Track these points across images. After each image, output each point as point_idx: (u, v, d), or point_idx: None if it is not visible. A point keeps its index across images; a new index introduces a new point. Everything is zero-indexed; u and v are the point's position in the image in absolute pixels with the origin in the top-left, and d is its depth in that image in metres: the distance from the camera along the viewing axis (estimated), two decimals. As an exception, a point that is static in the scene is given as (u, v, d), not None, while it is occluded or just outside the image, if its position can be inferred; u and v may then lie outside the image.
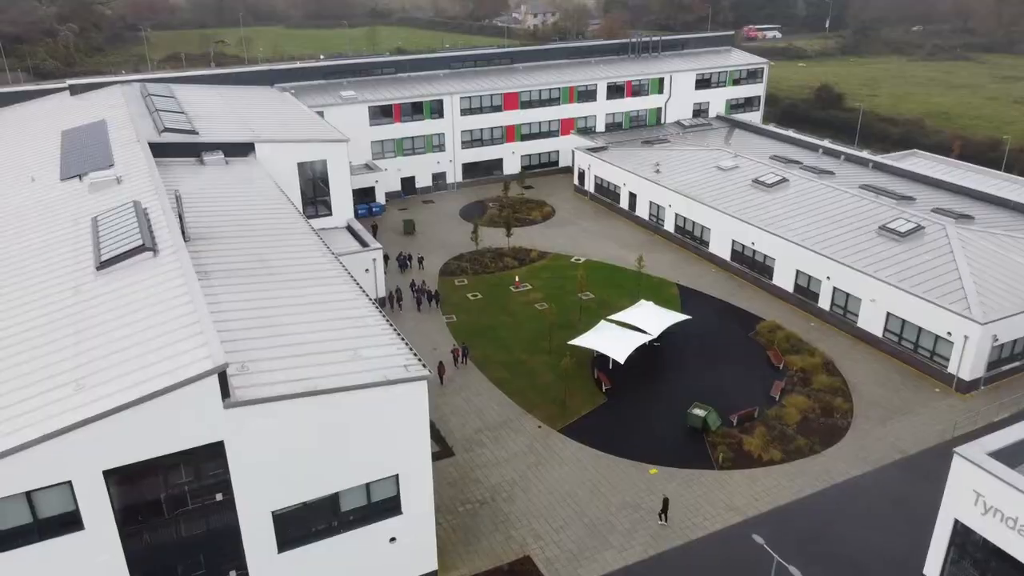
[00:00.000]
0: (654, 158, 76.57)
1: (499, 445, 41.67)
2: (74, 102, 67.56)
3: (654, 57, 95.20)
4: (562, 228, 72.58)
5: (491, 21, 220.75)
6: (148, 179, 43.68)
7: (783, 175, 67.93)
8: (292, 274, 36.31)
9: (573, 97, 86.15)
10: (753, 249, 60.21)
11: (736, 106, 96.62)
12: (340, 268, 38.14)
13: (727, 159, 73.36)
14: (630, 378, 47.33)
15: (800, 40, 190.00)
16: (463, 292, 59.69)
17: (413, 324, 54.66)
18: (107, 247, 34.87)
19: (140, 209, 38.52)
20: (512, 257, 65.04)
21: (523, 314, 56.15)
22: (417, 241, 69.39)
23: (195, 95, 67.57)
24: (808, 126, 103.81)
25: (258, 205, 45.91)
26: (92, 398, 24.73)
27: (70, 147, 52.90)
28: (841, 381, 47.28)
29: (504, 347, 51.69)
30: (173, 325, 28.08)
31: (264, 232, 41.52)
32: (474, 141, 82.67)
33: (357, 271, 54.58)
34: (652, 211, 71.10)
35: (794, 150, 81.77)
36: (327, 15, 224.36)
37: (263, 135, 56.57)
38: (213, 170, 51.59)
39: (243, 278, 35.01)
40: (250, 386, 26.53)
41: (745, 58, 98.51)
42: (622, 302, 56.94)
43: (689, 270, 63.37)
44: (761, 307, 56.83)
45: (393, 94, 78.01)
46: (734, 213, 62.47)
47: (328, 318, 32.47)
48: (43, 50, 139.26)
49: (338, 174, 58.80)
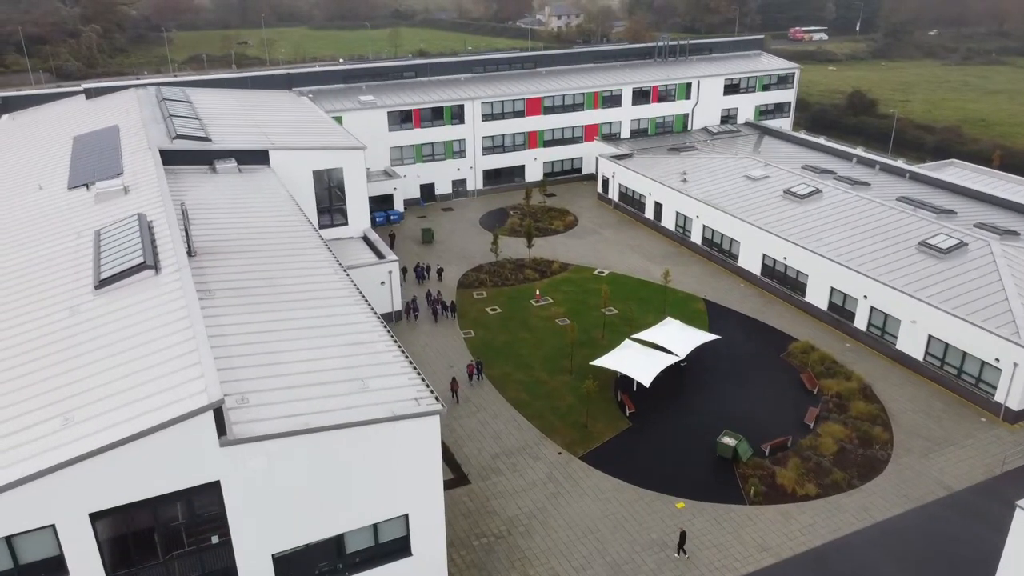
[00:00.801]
0: (681, 166, 74.14)
1: (517, 473, 39.58)
2: (89, 106, 66.40)
3: (681, 61, 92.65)
4: (585, 238, 70.36)
5: (514, 23, 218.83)
6: (156, 189, 42.08)
7: (816, 186, 65.25)
8: (300, 294, 34.45)
9: (598, 102, 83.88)
10: (785, 264, 57.63)
11: (765, 112, 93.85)
12: (351, 287, 36.24)
13: (757, 168, 70.78)
14: (655, 401, 45.07)
15: (830, 43, 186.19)
16: (481, 305, 57.67)
17: (428, 339, 52.75)
18: (108, 264, 33.21)
19: (144, 222, 36.88)
20: (533, 269, 62.94)
21: (544, 330, 54.03)
22: (435, 251, 67.49)
23: (211, 99, 66.15)
24: (839, 133, 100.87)
25: (269, 217, 44.16)
26: (78, 435, 22.95)
27: (80, 153, 51.54)
28: (879, 408, 44.67)
29: (523, 365, 49.60)
30: (169, 353, 26.28)
31: (273, 246, 39.75)
32: (495, 147, 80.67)
33: (372, 284, 53.03)
34: (678, 222, 68.68)
35: (826, 159, 79.00)
36: (350, 16, 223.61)
37: (278, 142, 54.91)
38: (225, 179, 49.96)
39: (248, 298, 33.20)
40: (248, 421, 24.66)
41: (775, 63, 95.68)
42: (647, 318, 54.75)
43: (717, 284, 60.90)
44: (793, 326, 54.27)
45: (413, 99, 76.20)
46: (764, 226, 59.92)
47: (336, 343, 30.55)
48: (66, 51, 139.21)
49: (354, 182, 57.01)
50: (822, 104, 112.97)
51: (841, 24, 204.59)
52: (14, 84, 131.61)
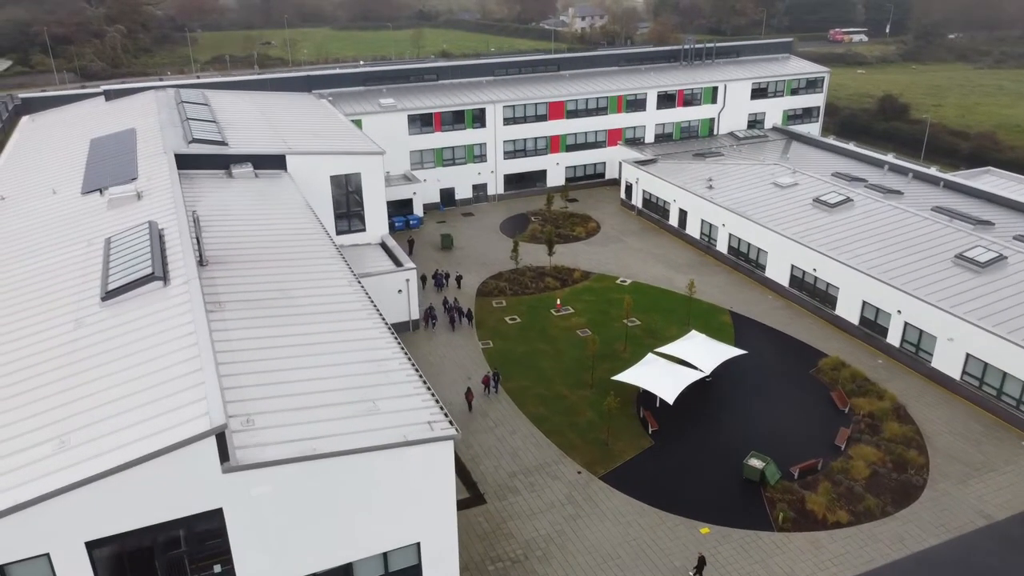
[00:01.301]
0: (706, 172, 72.36)
1: (535, 493, 38.20)
2: (108, 108, 65.96)
3: (707, 64, 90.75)
4: (607, 246, 68.82)
5: (538, 24, 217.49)
6: (169, 195, 41.20)
7: (847, 194, 63.24)
8: (312, 306, 33.32)
9: (622, 106, 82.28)
10: (814, 276, 55.75)
11: (793, 117, 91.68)
12: (365, 299, 35.05)
13: (785, 175, 68.86)
14: (678, 418, 43.49)
15: (859, 46, 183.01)
16: (500, 315, 56.36)
17: (446, 350, 51.51)
18: (116, 274, 32.28)
19: (155, 231, 35.95)
20: (554, 277, 61.51)
21: (564, 341, 52.61)
22: (455, 257, 66.27)
23: (230, 102, 65.42)
24: (869, 139, 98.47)
25: (283, 224, 43.12)
26: (75, 459, 21.92)
27: (95, 157, 50.89)
28: (914, 430, 42.77)
29: (543, 379, 48.20)
30: (173, 372, 25.21)
31: (287, 255, 38.67)
32: (517, 152, 79.34)
33: (390, 292, 51.95)
34: (704, 230, 66.93)
35: (857, 166, 76.88)
36: (373, 17, 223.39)
37: (295, 146, 53.95)
38: (241, 184, 49.04)
39: (259, 310, 32.11)
40: (253, 446, 23.51)
41: (804, 66, 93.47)
42: (670, 330, 53.18)
43: (743, 295, 59.12)
44: (822, 340, 52.41)
45: (434, 102, 75.07)
46: (793, 235, 58.07)
47: (348, 360, 29.37)
48: (90, 51, 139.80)
49: (373, 188, 55.91)
50: (851, 108, 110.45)
51: (870, 26, 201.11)
52: (39, 84, 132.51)
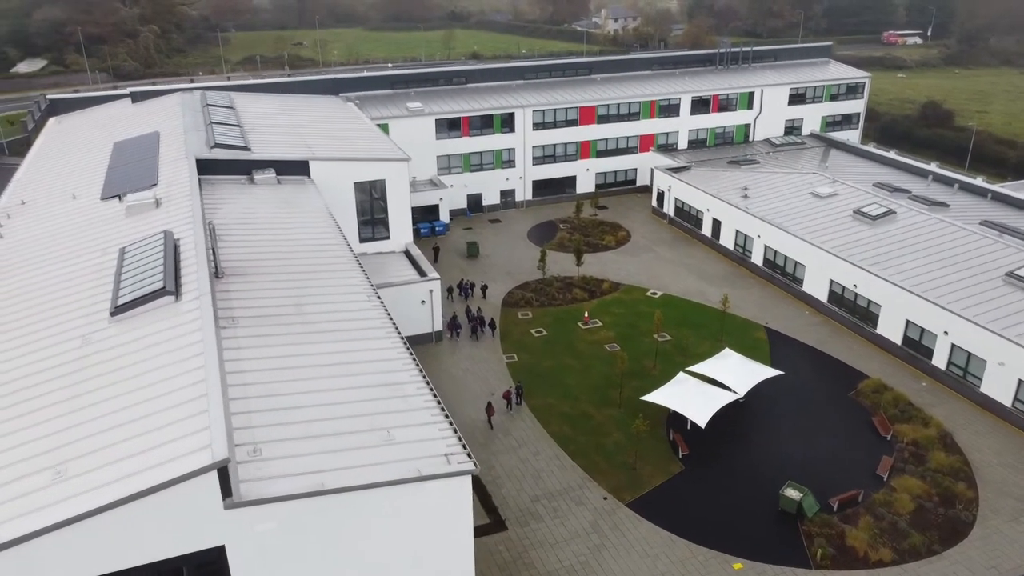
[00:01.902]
0: (741, 181, 70.10)
1: (558, 520, 36.51)
2: (134, 110, 65.46)
3: (743, 69, 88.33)
4: (637, 256, 66.85)
5: (570, 25, 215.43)
6: (187, 203, 40.13)
7: (889, 206, 60.67)
8: (329, 323, 31.96)
9: (654, 112, 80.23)
10: (855, 292, 53.35)
11: (832, 123, 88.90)
12: (384, 316, 33.59)
13: (824, 185, 66.37)
14: (710, 442, 41.51)
15: (899, 49, 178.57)
16: (526, 327, 54.72)
17: (469, 364, 49.99)
18: (127, 287, 31.19)
19: (170, 241, 34.86)
20: (582, 288, 59.72)
21: (591, 356, 50.83)
22: (480, 265, 64.77)
23: (255, 105, 64.57)
24: (911, 146, 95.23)
25: (304, 233, 41.90)
26: (69, 492, 20.69)
27: (117, 161, 50.17)
28: (962, 460, 40.36)
29: (569, 396, 46.48)
30: (178, 397, 23.94)
31: (306, 267, 37.41)
32: (546, 157, 77.65)
33: (413, 302, 50.60)
34: (738, 241, 64.69)
35: (899, 175, 74.18)
36: (405, 18, 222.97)
37: (319, 152, 52.79)
38: (262, 190, 47.97)
39: (273, 327, 30.83)
40: (258, 479, 22.13)
41: (844, 71, 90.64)
42: (702, 347, 51.18)
43: (779, 311, 56.87)
44: (863, 360, 50.05)
45: (462, 106, 73.65)
46: (833, 249, 55.70)
47: (363, 384, 27.94)
48: (124, 51, 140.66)
49: (397, 195, 54.63)
50: (892, 114, 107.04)
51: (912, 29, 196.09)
52: (73, 84, 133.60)
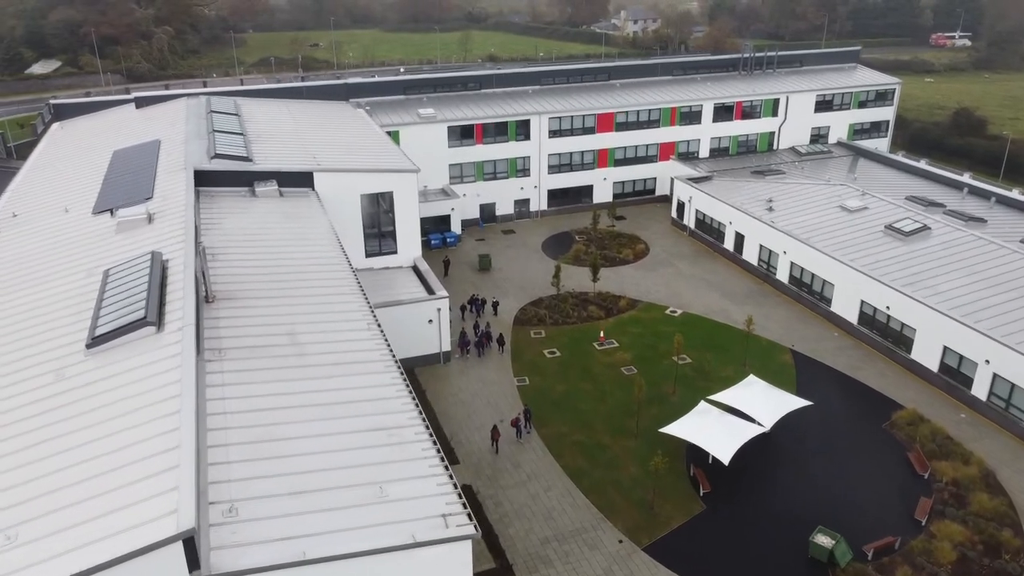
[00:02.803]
0: (766, 192, 67.18)
1: (570, 566, 33.95)
2: (137, 116, 63.54)
3: (768, 74, 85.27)
4: (656, 270, 64.11)
5: (588, 27, 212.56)
6: (181, 220, 37.95)
7: (923, 222, 57.60)
8: (324, 355, 29.62)
9: (675, 119, 77.40)
10: (887, 314, 50.38)
11: (860, 131, 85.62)
12: (384, 347, 31.21)
13: (854, 198, 63.33)
14: (734, 479, 38.80)
15: (926, 52, 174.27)
16: (539, 347, 52.19)
17: (478, 386, 47.52)
18: (107, 315, 29.01)
19: (158, 263, 32.64)
20: (598, 305, 57.08)
21: (607, 380, 48.22)
22: (492, 279, 62.29)
23: (261, 111, 62.46)
24: (942, 155, 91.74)
25: (304, 251, 39.62)
26: (20, 562, 18.44)
27: (114, 172, 48.15)
28: (1007, 503, 37.39)
29: (583, 424, 43.90)
30: (149, 448, 21.64)
31: (304, 290, 35.12)
32: (562, 166, 75.06)
33: (420, 321, 48.27)
34: (762, 256, 61.80)
35: (932, 187, 71.05)
36: (423, 19, 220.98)
37: (324, 163, 50.55)
38: (263, 204, 45.76)
39: (262, 360, 28.55)
40: (232, 546, 19.80)
41: (873, 77, 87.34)
42: (725, 371, 48.47)
43: (806, 332, 53.97)
44: (897, 388, 47.10)
45: (475, 112, 71.23)
46: (863, 268, 52.73)
47: (356, 427, 25.55)
48: (138, 52, 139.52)
49: (406, 208, 52.31)
50: (922, 121, 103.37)
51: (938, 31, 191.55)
52: (87, 85, 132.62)
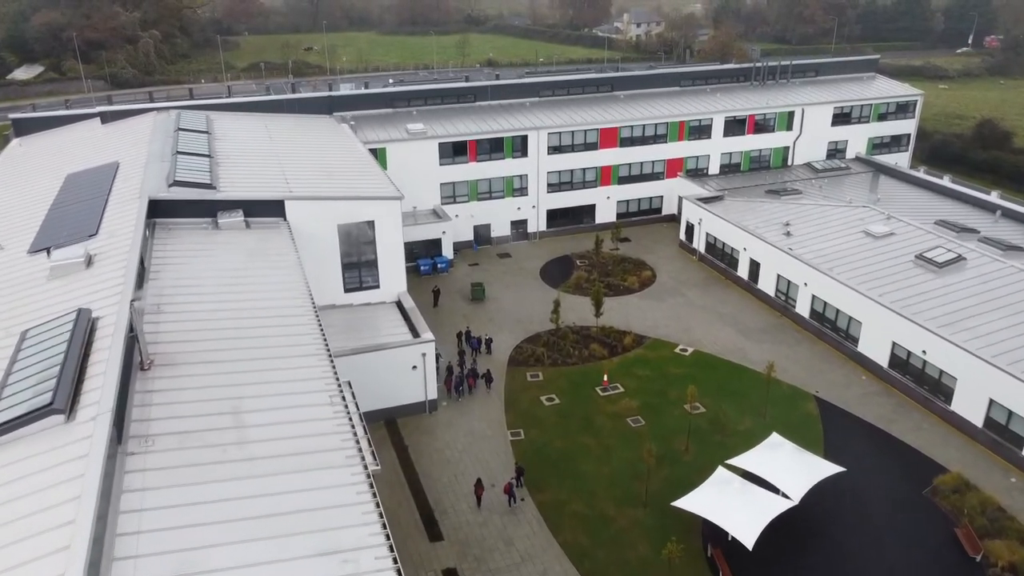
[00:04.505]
0: (782, 214, 62.12)
1: None
2: (101, 133, 58.62)
3: (782, 85, 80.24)
4: (664, 300, 59.04)
5: (591, 30, 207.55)
6: (122, 264, 32.93)
7: (957, 250, 52.58)
8: (271, 446, 24.52)
9: (683, 133, 72.39)
10: (923, 359, 45.31)
11: (879, 145, 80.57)
12: (348, 431, 26.09)
13: (878, 221, 58.30)
14: (758, 561, 33.70)
15: (938, 58, 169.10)
16: (536, 392, 47.17)
17: (467, 442, 42.48)
18: (8, 398, 23.99)
19: (83, 325, 27.61)
20: (600, 342, 52.05)
21: (612, 433, 43.19)
22: (486, 311, 57.25)
23: (235, 128, 57.47)
24: (965, 170, 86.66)
25: (265, 298, 34.58)
26: None
27: (63, 200, 43.18)
28: (1075, 595, 32.39)
29: (584, 489, 38.87)
30: None
31: (260, 351, 30.05)
32: (562, 184, 70.03)
33: (403, 368, 43.28)
34: (780, 287, 56.74)
35: (960, 208, 66.15)
36: (421, 21, 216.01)
37: (297, 189, 45.53)
38: (226, 238, 40.74)
39: (195, 451, 23.53)
40: None
41: (893, 88, 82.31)
42: (743, 422, 43.53)
43: (831, 375, 48.92)
44: (937, 446, 42.01)
45: (469, 128, 66.18)
46: (894, 304, 47.66)
47: (303, 551, 20.50)
48: (123, 57, 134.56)
49: (389, 238, 47.30)
50: (942, 133, 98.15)
51: (952, 36, 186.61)
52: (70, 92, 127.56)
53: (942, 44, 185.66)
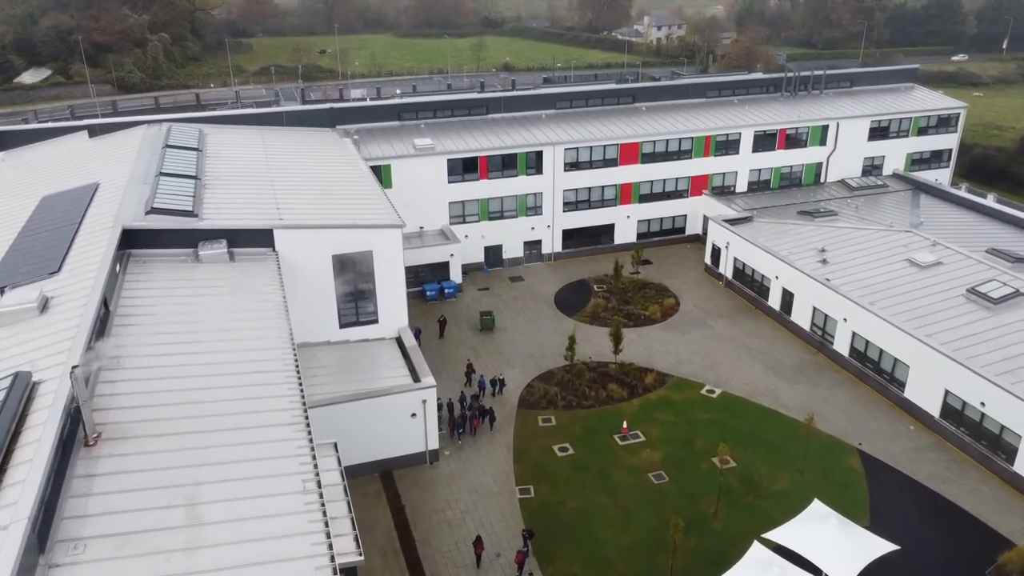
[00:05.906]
0: (817, 239, 57.44)
1: None
2: (87, 148, 55.01)
3: (815, 96, 75.43)
4: (688, 333, 54.52)
5: (610, 34, 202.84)
6: (79, 311, 29.07)
7: (1014, 285, 47.77)
8: (228, 550, 20.53)
9: (709, 149, 67.80)
10: (981, 412, 40.59)
11: (919, 161, 75.58)
12: (321, 530, 22.01)
13: (923, 249, 53.56)
14: (801, 659, 29.33)
15: (971, 64, 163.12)
16: (548, 440, 42.87)
17: (470, 501, 38.24)
18: (-88, 493, 20.11)
19: (17, 393, 23.72)
20: (619, 382, 47.68)
21: (632, 492, 38.81)
22: (495, 343, 53.00)
23: (229, 143, 53.69)
24: (1008, 186, 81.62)
25: (240, 352, 30.54)
26: None
27: (30, 229, 39.45)
28: None
29: (600, 561, 34.54)
30: None
31: (226, 420, 26.00)
32: (580, 203, 65.62)
33: (401, 416, 39.17)
34: (816, 321, 52.11)
35: (1010, 233, 61.45)
36: (437, 24, 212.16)
37: (288, 216, 41.56)
38: (206, 273, 36.82)
39: (132, 564, 19.58)
40: None
41: (933, 99, 77.22)
42: (779, 480, 39.13)
43: (875, 424, 44.26)
44: (999, 514, 37.28)
45: (480, 143, 61.98)
46: (946, 347, 42.91)
47: None
48: (130, 61, 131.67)
49: (388, 269, 43.20)
50: (982, 146, 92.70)
51: (985, 41, 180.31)
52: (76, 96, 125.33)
53: (974, 48, 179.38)
